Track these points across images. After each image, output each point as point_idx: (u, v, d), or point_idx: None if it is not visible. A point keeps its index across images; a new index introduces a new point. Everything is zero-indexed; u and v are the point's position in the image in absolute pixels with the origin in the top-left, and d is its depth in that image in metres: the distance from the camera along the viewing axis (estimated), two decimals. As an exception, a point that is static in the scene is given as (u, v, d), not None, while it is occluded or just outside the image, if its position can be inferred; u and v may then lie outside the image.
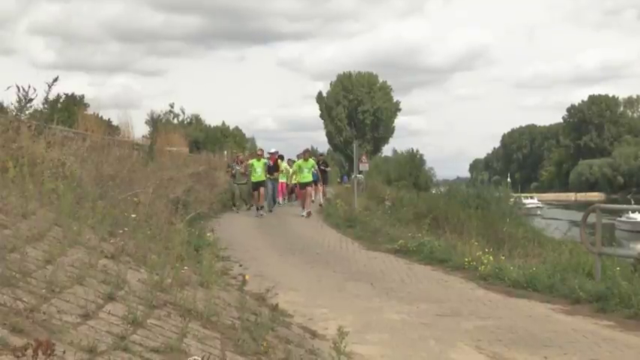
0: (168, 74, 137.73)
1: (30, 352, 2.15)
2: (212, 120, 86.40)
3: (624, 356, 4.98)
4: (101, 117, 20.07)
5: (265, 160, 17.73)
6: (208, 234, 9.60)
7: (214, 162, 25.13)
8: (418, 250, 10.19)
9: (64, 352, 2.56)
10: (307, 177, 17.09)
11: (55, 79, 8.55)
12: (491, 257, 8.97)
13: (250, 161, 18.02)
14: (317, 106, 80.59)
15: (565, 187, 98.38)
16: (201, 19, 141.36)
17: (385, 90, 78.99)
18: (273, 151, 18.88)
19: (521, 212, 20.63)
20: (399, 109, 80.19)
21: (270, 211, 17.41)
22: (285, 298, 6.50)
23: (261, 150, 18.65)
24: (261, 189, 17.16)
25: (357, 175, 23.09)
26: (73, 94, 24.83)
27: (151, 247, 5.77)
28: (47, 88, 8.48)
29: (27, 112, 8.29)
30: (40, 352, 2.14)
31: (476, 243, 10.22)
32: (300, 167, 17.33)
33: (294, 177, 18.38)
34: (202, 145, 39.80)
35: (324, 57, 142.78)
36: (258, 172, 17.21)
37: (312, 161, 17.90)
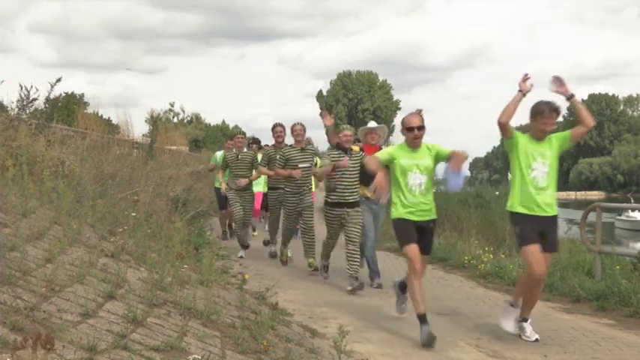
0: (168, 72, 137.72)
1: (30, 344, 2.16)
2: (212, 118, 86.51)
3: (624, 355, 4.98)
4: (101, 115, 20.07)
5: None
6: (208, 232, 9.59)
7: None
8: (418, 248, 10.16)
9: (63, 347, 2.57)
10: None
11: (58, 80, 8.59)
12: (491, 256, 8.98)
13: (389, 149, 5.62)
14: (317, 104, 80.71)
15: (565, 186, 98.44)
16: (201, 16, 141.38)
17: (385, 88, 79.06)
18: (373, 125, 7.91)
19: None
20: (399, 108, 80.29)
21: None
22: (285, 296, 6.50)
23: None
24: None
25: None
26: (72, 93, 24.81)
27: (150, 245, 5.78)
28: (50, 88, 8.52)
29: (28, 111, 8.31)
30: (39, 346, 2.15)
31: (476, 241, 10.23)
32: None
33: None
34: (202, 143, 39.86)
35: (324, 55, 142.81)
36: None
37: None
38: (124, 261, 4.84)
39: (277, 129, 9.12)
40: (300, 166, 8.11)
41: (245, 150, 9.48)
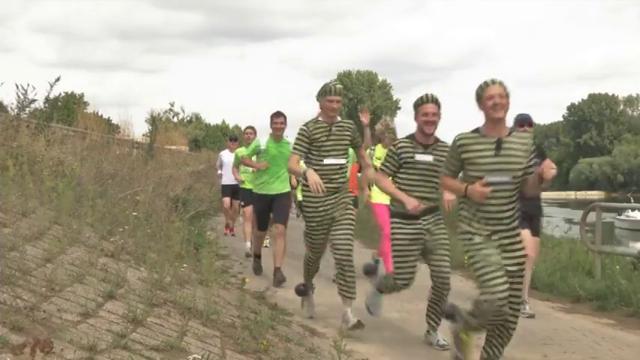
0: (168, 72, 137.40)
1: (28, 349, 2.15)
2: (212, 118, 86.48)
3: (624, 354, 4.98)
4: (101, 115, 20.10)
5: None
6: (208, 232, 9.59)
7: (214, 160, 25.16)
8: (418, 248, 10.16)
9: (62, 350, 2.56)
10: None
11: (57, 79, 8.61)
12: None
13: None
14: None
15: (565, 186, 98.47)
16: (202, 16, 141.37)
17: (385, 88, 79.02)
18: None
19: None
20: (399, 108, 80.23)
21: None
22: (285, 296, 6.49)
23: None
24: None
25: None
26: (72, 93, 24.80)
27: (150, 245, 5.77)
28: (49, 87, 8.55)
29: (27, 111, 8.33)
30: (37, 350, 2.15)
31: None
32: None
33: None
34: (202, 143, 39.91)
35: (324, 55, 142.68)
36: None
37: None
38: (123, 261, 4.83)
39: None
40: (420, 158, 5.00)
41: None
